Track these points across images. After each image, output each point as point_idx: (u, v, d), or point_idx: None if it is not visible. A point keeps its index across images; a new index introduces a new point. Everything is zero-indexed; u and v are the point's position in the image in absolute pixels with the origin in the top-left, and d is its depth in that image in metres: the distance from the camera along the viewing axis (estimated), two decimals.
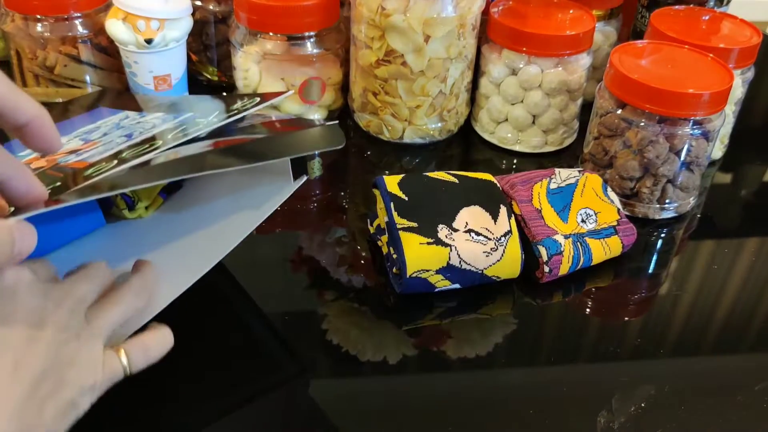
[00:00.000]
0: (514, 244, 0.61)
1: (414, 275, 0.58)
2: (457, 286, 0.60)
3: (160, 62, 0.79)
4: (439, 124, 0.81)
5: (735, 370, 0.54)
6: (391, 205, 0.62)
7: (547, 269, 0.61)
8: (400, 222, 0.60)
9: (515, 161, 0.81)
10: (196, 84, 0.88)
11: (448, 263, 0.59)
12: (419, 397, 0.53)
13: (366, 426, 0.50)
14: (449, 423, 0.50)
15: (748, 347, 0.53)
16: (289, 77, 0.79)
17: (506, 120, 0.80)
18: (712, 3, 0.86)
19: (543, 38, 0.75)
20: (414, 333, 0.58)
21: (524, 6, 0.80)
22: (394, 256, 0.60)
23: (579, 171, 0.68)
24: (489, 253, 0.60)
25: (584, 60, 0.78)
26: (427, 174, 0.66)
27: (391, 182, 0.64)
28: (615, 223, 0.64)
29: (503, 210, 0.63)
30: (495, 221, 0.62)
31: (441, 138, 0.82)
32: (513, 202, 0.64)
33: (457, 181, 0.65)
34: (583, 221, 0.64)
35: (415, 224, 0.60)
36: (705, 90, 0.65)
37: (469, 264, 0.59)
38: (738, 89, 0.77)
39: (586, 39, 0.77)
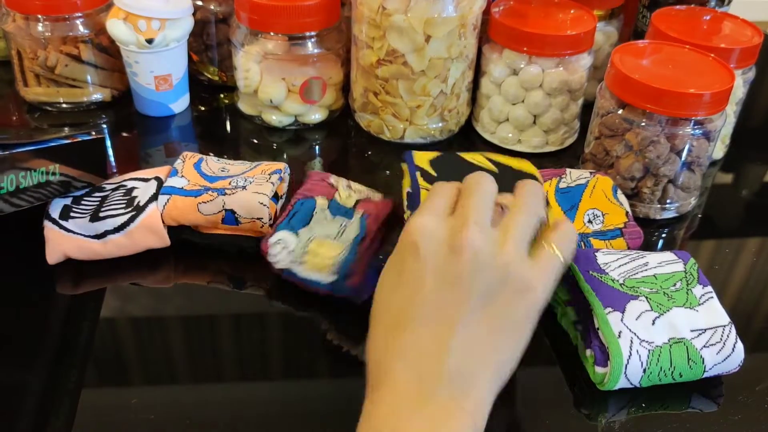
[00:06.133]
0: None
1: None
2: None
3: (160, 62, 0.79)
4: (440, 124, 0.81)
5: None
6: (417, 173, 0.58)
7: None
8: (425, 185, 0.57)
9: None
10: (196, 84, 0.88)
11: None
12: None
13: None
14: None
15: (749, 347, 0.53)
16: (290, 77, 0.79)
17: (507, 120, 0.80)
18: (713, 3, 0.86)
19: (544, 38, 0.75)
20: None
21: (525, 6, 0.80)
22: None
23: (591, 172, 0.68)
24: None
25: (585, 60, 0.78)
26: (461, 155, 0.61)
27: (422, 158, 0.60)
28: (622, 226, 0.64)
29: None
30: None
31: (442, 138, 0.82)
32: None
33: (496, 170, 0.59)
34: (589, 222, 0.64)
35: None
36: (706, 90, 0.65)
37: None
38: (739, 89, 0.76)
39: (587, 39, 0.77)
